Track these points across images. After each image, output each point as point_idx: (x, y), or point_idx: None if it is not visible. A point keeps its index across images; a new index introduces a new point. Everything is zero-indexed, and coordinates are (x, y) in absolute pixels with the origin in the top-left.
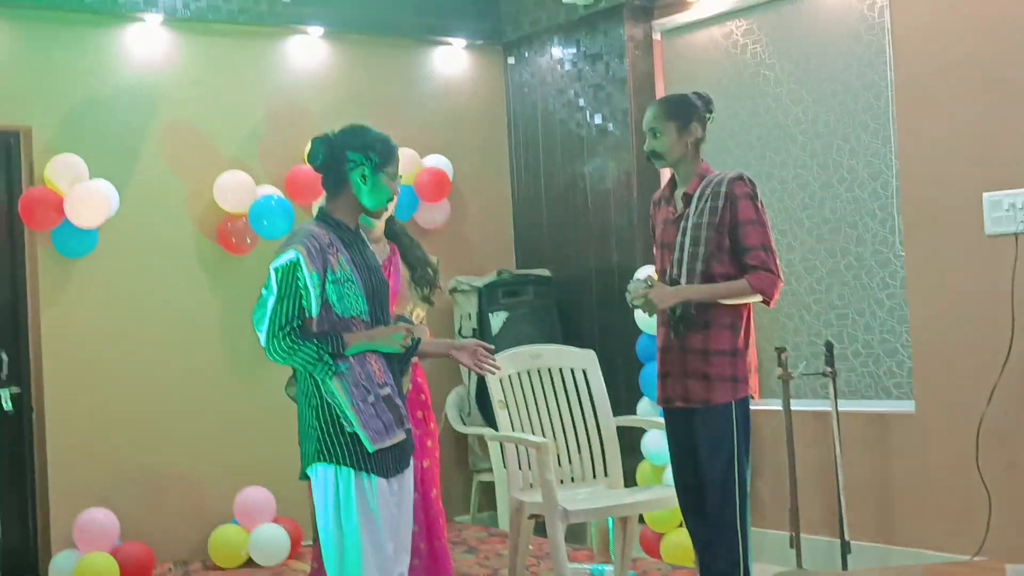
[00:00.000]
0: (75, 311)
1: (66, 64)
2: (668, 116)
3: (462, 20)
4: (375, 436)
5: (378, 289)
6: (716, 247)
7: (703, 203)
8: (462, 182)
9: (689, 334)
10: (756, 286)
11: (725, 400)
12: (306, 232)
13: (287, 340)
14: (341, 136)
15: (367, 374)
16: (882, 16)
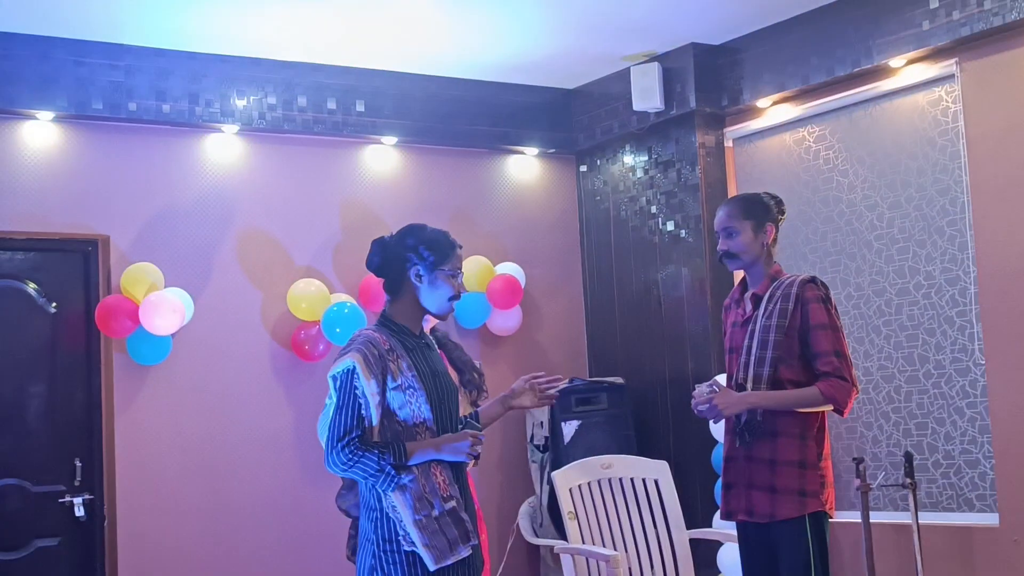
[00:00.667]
0: (148, 418)
1: (144, 174)
2: (744, 215)
3: (535, 129)
4: (438, 554)
5: (444, 395)
6: (785, 351)
7: (773, 305)
8: (535, 289)
9: (755, 443)
10: (828, 394)
11: (791, 515)
12: (364, 338)
13: (347, 451)
14: (396, 236)
15: (432, 486)
16: (956, 121)
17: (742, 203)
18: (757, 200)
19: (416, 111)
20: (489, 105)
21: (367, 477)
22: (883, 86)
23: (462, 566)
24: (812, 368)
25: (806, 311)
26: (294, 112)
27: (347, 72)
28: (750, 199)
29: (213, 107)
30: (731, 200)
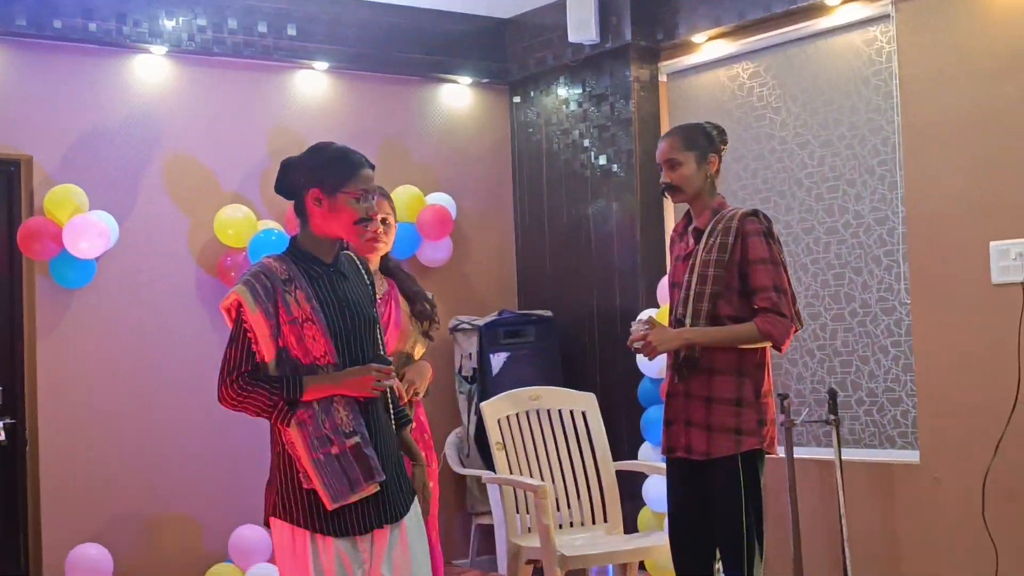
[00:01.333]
0: (72, 342)
1: (69, 94)
2: (686, 146)
3: (468, 58)
4: (335, 493)
5: (354, 327)
6: (724, 287)
7: (713, 239)
8: (465, 220)
9: (693, 379)
10: (764, 330)
11: (726, 453)
12: (257, 268)
13: (235, 386)
14: (299, 157)
15: (332, 422)
16: (889, 61)
17: (685, 134)
18: (700, 130)
19: (349, 37)
20: (423, 33)
21: (259, 413)
22: (819, 24)
23: (375, 502)
24: (751, 303)
25: (746, 245)
26: (224, 35)
27: None
28: (693, 129)
29: (141, 27)
30: (673, 130)
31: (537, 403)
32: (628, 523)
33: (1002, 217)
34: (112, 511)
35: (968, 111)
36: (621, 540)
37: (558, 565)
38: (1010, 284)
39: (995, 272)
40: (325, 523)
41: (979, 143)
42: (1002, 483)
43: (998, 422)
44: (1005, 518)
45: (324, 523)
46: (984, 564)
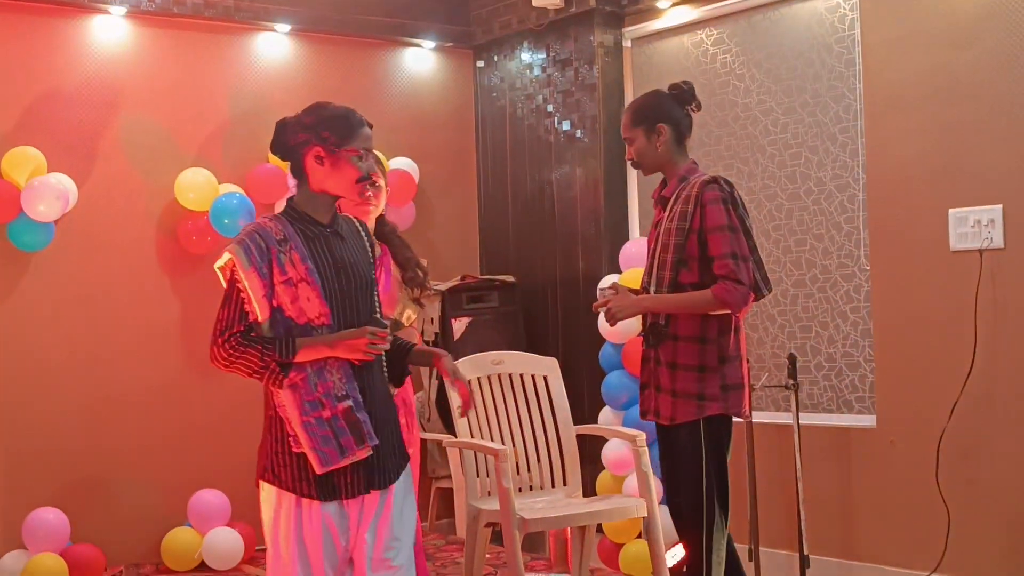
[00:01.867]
0: (29, 306)
1: (27, 55)
2: (634, 122)
3: (432, 21)
4: (325, 457)
5: (349, 289)
6: (686, 255)
7: (676, 207)
8: (428, 185)
9: (660, 346)
10: (720, 297)
11: (686, 419)
12: (252, 228)
13: (227, 346)
14: (297, 116)
15: (324, 386)
16: (852, 28)
17: (631, 111)
18: (647, 103)
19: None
20: None
21: (251, 374)
22: None
23: (365, 467)
24: (709, 271)
25: (704, 213)
26: None
27: None
28: (639, 104)
29: None
30: (628, 107)
31: (500, 367)
32: (587, 486)
33: (961, 184)
34: (69, 475)
35: (929, 78)
36: (580, 503)
37: (517, 528)
38: (968, 251)
39: (953, 239)
40: (312, 487)
41: (940, 110)
42: (956, 446)
43: (954, 387)
44: (958, 481)
45: (311, 487)
46: (937, 525)
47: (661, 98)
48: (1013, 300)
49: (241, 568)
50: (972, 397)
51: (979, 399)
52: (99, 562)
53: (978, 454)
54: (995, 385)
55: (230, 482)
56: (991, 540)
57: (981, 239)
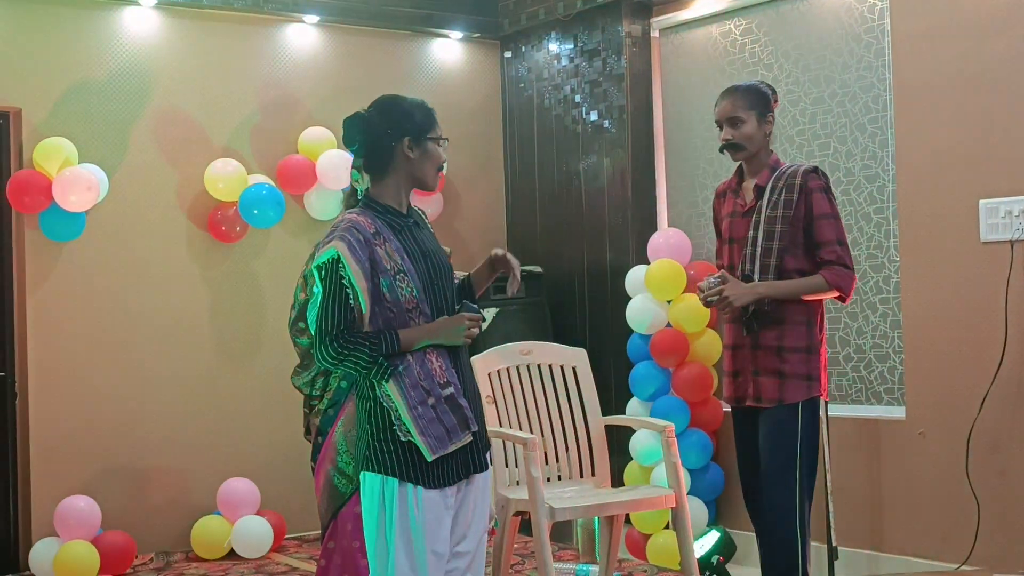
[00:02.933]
0: (61, 296)
1: (59, 46)
2: (750, 105)
3: (459, 12)
4: (435, 443)
5: (437, 275)
6: (790, 241)
7: (777, 196)
8: (456, 175)
9: (763, 331)
10: (833, 282)
11: (798, 399)
12: (348, 223)
13: (336, 344)
14: (377, 110)
15: (427, 373)
16: (882, 18)
17: (748, 93)
18: (760, 90)
19: None
20: None
21: (360, 369)
22: None
23: (463, 453)
24: (815, 256)
25: (810, 201)
26: None
27: None
28: (755, 88)
29: None
30: (735, 89)
31: (528, 358)
32: (615, 477)
33: (992, 175)
34: (101, 463)
35: (959, 69)
36: (608, 493)
37: (545, 517)
38: (998, 242)
39: (984, 230)
40: (419, 474)
41: (970, 101)
42: (986, 438)
43: (984, 378)
44: (988, 472)
45: (418, 474)
46: (966, 517)
47: (768, 91)
48: None
49: (270, 556)
50: (1002, 388)
51: (1009, 391)
52: (130, 549)
53: (1009, 446)
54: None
55: (260, 471)
56: (1021, 532)
57: (1013, 230)
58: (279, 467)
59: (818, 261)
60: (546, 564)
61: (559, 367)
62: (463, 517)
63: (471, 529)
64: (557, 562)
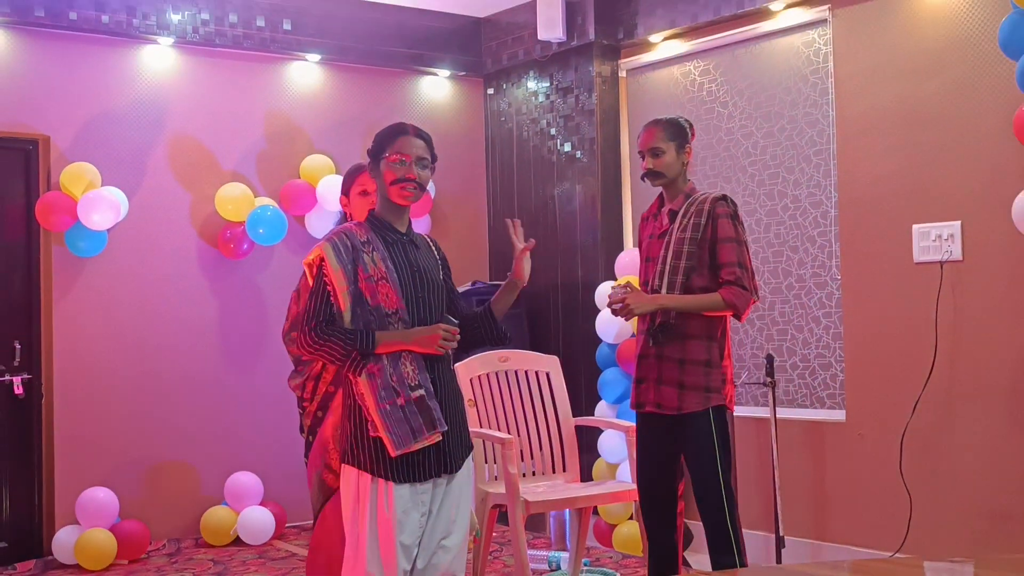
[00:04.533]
0: (84, 306)
1: (84, 80)
2: (670, 137)
3: (446, 52)
4: (399, 440)
5: (423, 290)
6: (697, 261)
7: (687, 220)
8: (443, 200)
9: (667, 343)
10: (729, 300)
11: (696, 408)
12: (340, 230)
13: (313, 334)
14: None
15: (400, 376)
16: (826, 61)
17: (668, 126)
18: (679, 124)
19: (338, 31)
20: (406, 28)
21: (334, 360)
22: (763, 27)
23: (436, 451)
24: (716, 277)
25: (715, 225)
26: (225, 27)
27: None
28: (674, 122)
29: (149, 20)
30: (657, 122)
31: (506, 365)
32: (585, 472)
33: (924, 202)
34: (118, 458)
35: (895, 106)
36: (578, 488)
37: (521, 510)
38: (930, 263)
39: (917, 252)
40: (388, 469)
41: (905, 135)
42: (918, 439)
43: (916, 386)
44: (919, 470)
45: (387, 469)
46: (900, 510)
47: (686, 124)
48: (970, 308)
49: (272, 543)
50: (933, 395)
51: (939, 396)
52: (144, 537)
53: (938, 446)
54: (954, 384)
55: (263, 465)
56: (949, 524)
57: (942, 252)
58: (280, 462)
59: (720, 281)
60: (522, 552)
61: (534, 373)
62: (446, 513)
63: (456, 525)
64: (531, 550)
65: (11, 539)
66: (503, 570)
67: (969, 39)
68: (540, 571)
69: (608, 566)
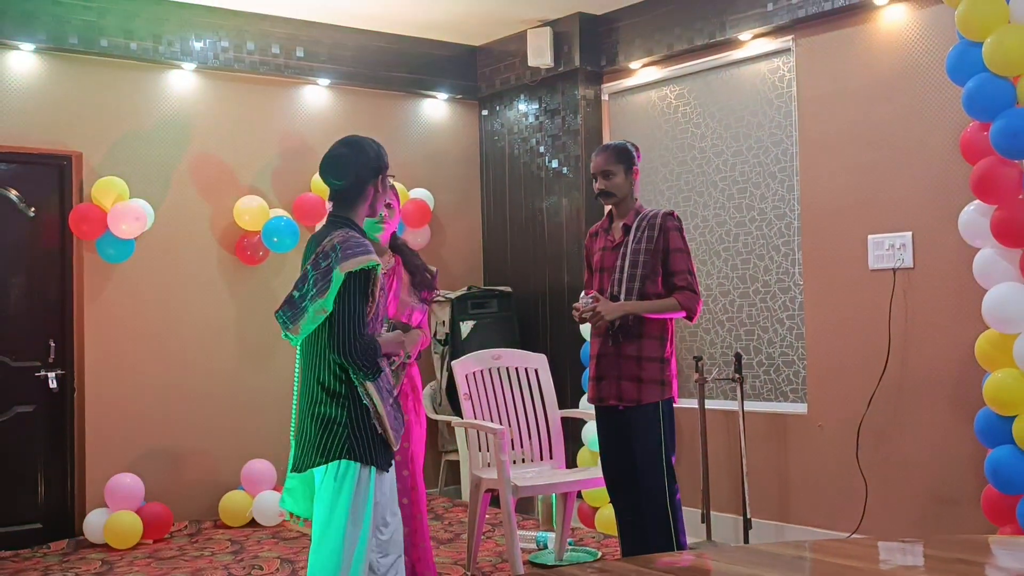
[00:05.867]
0: (113, 308)
1: (114, 101)
2: (618, 160)
3: (445, 78)
4: (396, 436)
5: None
6: (651, 270)
7: (640, 233)
8: (441, 212)
9: (625, 343)
10: (683, 303)
11: (654, 400)
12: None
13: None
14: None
15: (386, 377)
16: (790, 86)
17: (616, 150)
18: (626, 148)
19: (347, 58)
20: (408, 56)
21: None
22: (733, 55)
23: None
24: (669, 283)
25: (667, 238)
26: (243, 55)
27: (289, 22)
28: (621, 147)
29: (174, 47)
30: (605, 148)
31: (499, 362)
32: (570, 459)
33: (878, 214)
34: (144, 446)
35: (853, 127)
36: (563, 474)
37: (511, 494)
38: (883, 270)
39: (871, 260)
40: (384, 460)
41: (861, 154)
42: (873, 430)
43: (871, 381)
44: (874, 458)
45: (384, 461)
46: (856, 496)
47: (632, 148)
48: (920, 311)
49: (285, 524)
50: (886, 390)
51: (892, 392)
52: (167, 518)
53: (891, 436)
54: (905, 380)
55: (276, 453)
56: (901, 507)
57: (894, 260)
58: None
59: (672, 287)
60: (512, 532)
61: (524, 370)
62: (392, 496)
63: (393, 506)
64: (521, 530)
65: (45, 521)
66: (495, 549)
67: (919, 67)
68: (529, 550)
69: (591, 545)
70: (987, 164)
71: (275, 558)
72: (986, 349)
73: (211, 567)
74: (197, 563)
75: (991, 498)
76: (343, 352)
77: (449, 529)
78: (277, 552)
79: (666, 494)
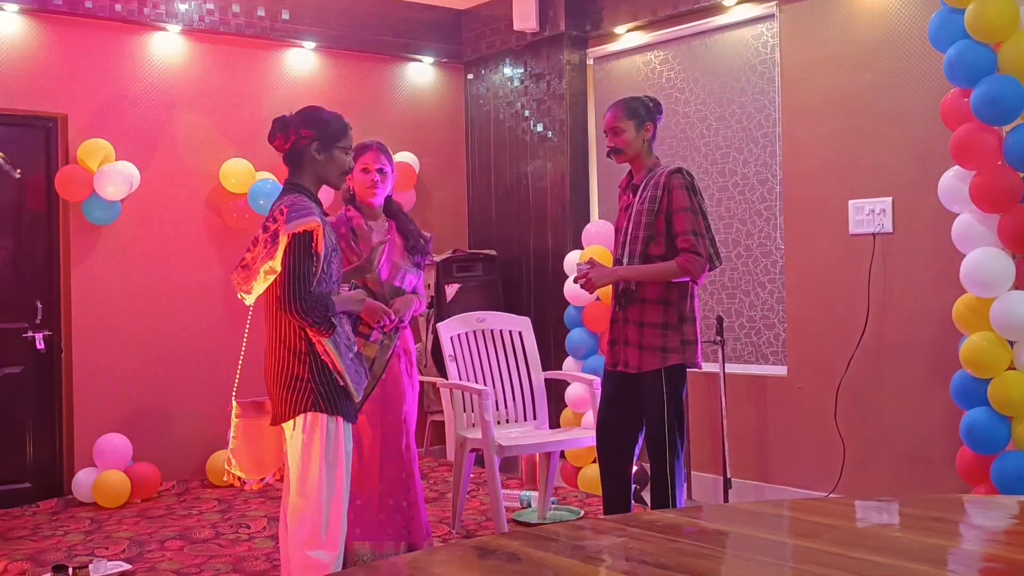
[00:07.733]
0: (100, 269)
1: (99, 63)
2: (628, 116)
3: (430, 41)
4: (358, 387)
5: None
6: (655, 231)
7: (646, 192)
8: (426, 175)
9: (629, 307)
10: (683, 267)
11: (655, 367)
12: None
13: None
14: (297, 115)
15: (345, 333)
16: (773, 52)
17: (627, 105)
18: (639, 102)
19: (333, 21)
20: (394, 19)
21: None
22: (717, 21)
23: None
24: (673, 245)
25: (671, 197)
26: (229, 16)
27: None
28: (633, 102)
29: (159, 9)
30: (617, 103)
31: (483, 324)
32: (553, 420)
33: (858, 180)
34: (131, 406)
35: (834, 94)
36: (547, 434)
37: (496, 453)
38: (863, 234)
39: (852, 224)
40: (348, 412)
41: (842, 120)
42: (851, 392)
43: (849, 344)
44: (852, 420)
45: (347, 412)
46: (834, 456)
47: (647, 103)
48: (899, 275)
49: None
50: (864, 353)
51: (870, 354)
52: (155, 478)
53: (868, 399)
54: (883, 343)
55: None
56: (878, 467)
57: (874, 225)
58: None
59: (676, 249)
60: (496, 491)
61: (508, 332)
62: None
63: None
64: (505, 489)
65: (35, 480)
66: (479, 507)
67: (901, 34)
68: (513, 508)
69: (573, 504)
70: (967, 130)
71: (262, 516)
72: (963, 313)
73: (199, 525)
74: (185, 521)
75: (966, 459)
76: (290, 309)
77: (434, 488)
78: (264, 511)
79: (667, 462)
